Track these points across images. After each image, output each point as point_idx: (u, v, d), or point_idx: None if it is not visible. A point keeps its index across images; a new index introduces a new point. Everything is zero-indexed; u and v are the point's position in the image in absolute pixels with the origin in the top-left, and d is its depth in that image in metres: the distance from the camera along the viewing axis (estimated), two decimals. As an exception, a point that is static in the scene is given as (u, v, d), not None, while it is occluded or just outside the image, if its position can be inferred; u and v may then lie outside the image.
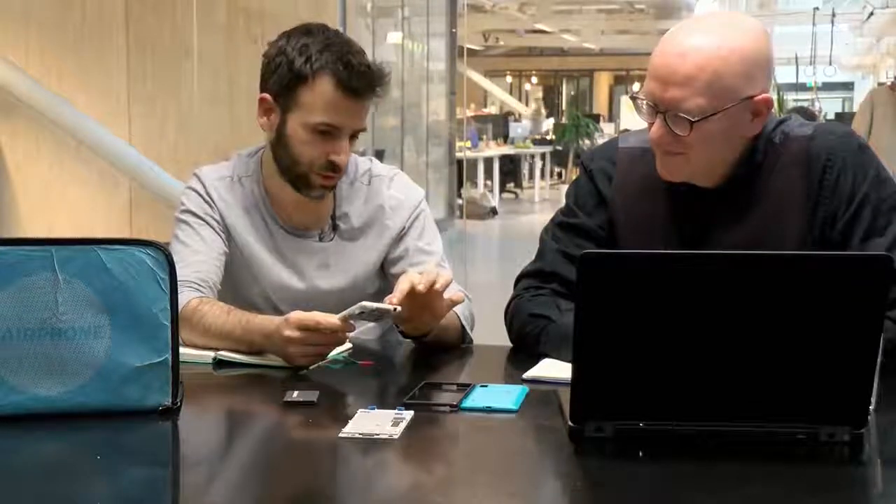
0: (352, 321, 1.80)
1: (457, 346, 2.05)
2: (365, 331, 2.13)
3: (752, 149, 1.84)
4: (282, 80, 2.05)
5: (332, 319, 1.78)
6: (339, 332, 1.81)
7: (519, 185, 16.79)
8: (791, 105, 14.15)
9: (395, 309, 1.80)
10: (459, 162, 12.09)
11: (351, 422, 1.50)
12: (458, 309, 2.01)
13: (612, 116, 23.30)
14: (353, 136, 2.08)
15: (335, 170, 2.07)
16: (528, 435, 1.55)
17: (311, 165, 2.06)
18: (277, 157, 2.11)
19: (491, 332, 2.09)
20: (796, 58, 15.09)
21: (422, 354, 2.00)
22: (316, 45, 2.03)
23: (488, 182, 14.49)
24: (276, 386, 1.72)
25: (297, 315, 1.80)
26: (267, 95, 2.09)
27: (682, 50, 1.74)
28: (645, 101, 1.80)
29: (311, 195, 2.11)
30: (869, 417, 1.42)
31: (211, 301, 2.00)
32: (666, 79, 1.75)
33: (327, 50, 2.02)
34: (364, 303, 1.78)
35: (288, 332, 1.79)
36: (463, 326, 2.05)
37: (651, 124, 1.81)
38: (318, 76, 2.02)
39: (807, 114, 11.71)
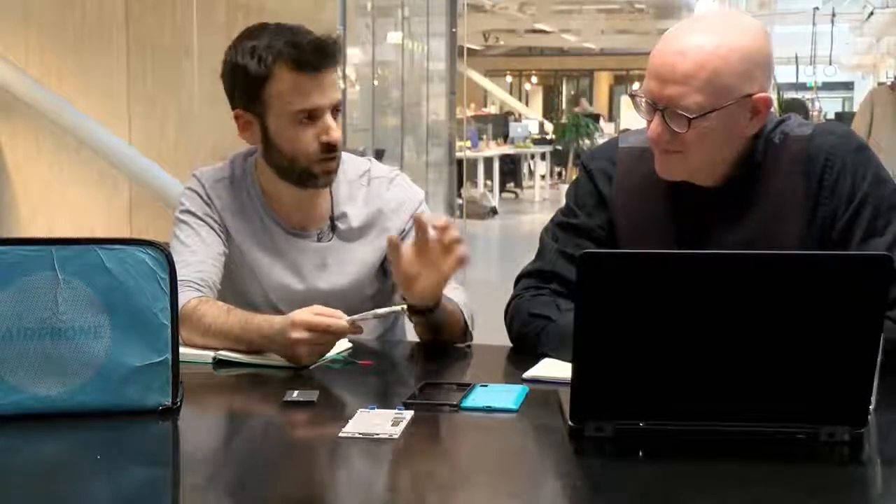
0: (360, 324, 1.85)
1: (459, 341, 2.04)
2: (366, 330, 2.13)
3: (751, 149, 1.84)
4: (245, 90, 2.06)
5: (342, 322, 1.81)
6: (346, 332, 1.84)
7: (519, 184, 16.78)
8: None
9: (402, 308, 1.87)
10: (459, 162, 12.07)
11: (351, 422, 1.50)
12: (461, 303, 2.02)
13: (612, 116, 23.30)
14: (335, 112, 2.08)
15: (331, 150, 2.07)
16: (528, 435, 1.55)
17: (308, 156, 2.07)
18: (273, 162, 2.11)
19: (491, 332, 2.09)
20: (796, 58, 15.09)
21: (422, 354, 2.00)
22: (262, 42, 2.04)
23: (488, 182, 14.48)
24: (276, 386, 1.72)
25: (302, 317, 1.81)
26: (239, 110, 2.10)
27: (682, 48, 1.75)
28: (644, 99, 1.80)
29: (317, 185, 2.12)
30: (869, 417, 1.42)
31: (210, 301, 2.00)
32: (665, 76, 1.75)
33: (274, 43, 2.03)
34: (377, 310, 1.89)
35: (296, 335, 1.80)
36: (465, 322, 2.05)
37: (650, 122, 1.81)
38: (274, 69, 2.02)
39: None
